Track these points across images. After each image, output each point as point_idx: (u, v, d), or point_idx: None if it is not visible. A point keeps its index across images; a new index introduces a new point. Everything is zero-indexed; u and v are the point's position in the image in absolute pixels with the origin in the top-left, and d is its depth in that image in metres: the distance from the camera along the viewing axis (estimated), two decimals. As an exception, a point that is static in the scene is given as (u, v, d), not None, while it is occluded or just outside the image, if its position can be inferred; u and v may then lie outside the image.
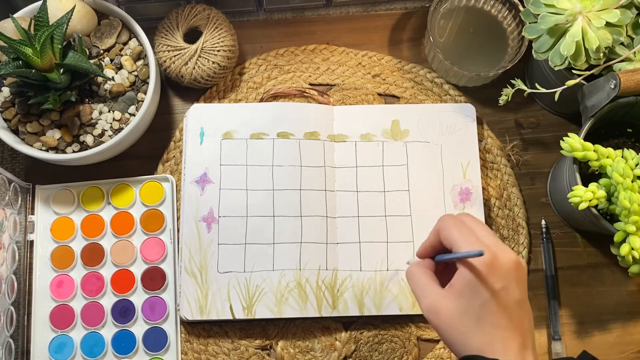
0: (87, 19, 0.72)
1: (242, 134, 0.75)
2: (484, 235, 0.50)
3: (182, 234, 0.73)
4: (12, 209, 0.73)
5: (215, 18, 0.76)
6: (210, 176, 0.74)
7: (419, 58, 0.82)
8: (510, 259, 0.49)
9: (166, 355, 0.71)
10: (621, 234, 0.61)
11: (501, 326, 0.47)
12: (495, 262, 0.47)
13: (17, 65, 0.64)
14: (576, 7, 0.63)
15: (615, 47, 0.65)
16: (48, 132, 0.71)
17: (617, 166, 0.61)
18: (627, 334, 0.73)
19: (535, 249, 0.76)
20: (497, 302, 0.47)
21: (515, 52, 0.76)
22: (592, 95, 0.65)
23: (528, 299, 0.51)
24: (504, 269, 0.48)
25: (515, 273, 0.49)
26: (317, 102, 0.79)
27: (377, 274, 0.72)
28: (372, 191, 0.75)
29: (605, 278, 0.75)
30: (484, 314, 0.47)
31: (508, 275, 0.48)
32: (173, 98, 0.80)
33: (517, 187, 0.77)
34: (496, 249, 0.48)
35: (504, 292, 0.48)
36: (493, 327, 0.47)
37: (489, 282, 0.47)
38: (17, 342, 0.71)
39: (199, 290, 0.71)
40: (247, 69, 0.81)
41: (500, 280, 0.47)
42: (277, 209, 0.73)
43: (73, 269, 0.74)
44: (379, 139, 0.76)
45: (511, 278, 0.48)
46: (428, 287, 0.50)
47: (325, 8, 0.84)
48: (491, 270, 0.47)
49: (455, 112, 0.77)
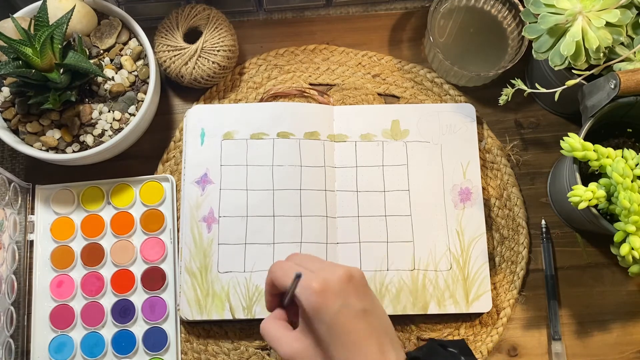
0: (87, 19, 0.72)
1: (242, 134, 0.76)
2: (310, 264, 0.51)
3: (182, 234, 0.73)
4: (12, 209, 0.73)
5: (215, 18, 0.76)
6: (210, 176, 0.74)
7: (419, 58, 0.82)
8: (339, 276, 0.49)
9: (166, 355, 0.71)
10: (621, 234, 0.61)
11: (352, 342, 0.48)
12: (326, 287, 0.48)
13: (17, 65, 0.64)
14: (576, 7, 0.63)
15: (615, 47, 0.65)
16: (48, 132, 0.71)
17: (617, 166, 0.61)
18: (627, 334, 0.73)
19: (535, 249, 0.76)
20: (342, 322, 0.48)
21: (515, 52, 0.76)
22: (592, 95, 0.65)
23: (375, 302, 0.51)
24: (337, 288, 0.49)
25: (350, 287, 0.49)
26: (317, 102, 0.79)
27: (377, 273, 0.72)
28: (372, 191, 0.75)
29: (605, 278, 0.75)
30: (332, 338, 0.48)
31: (343, 292, 0.49)
32: (173, 98, 0.80)
33: (517, 187, 0.77)
34: (324, 273, 0.49)
35: (344, 309, 0.48)
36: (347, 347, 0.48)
37: (326, 307, 0.48)
38: (17, 342, 0.71)
39: (199, 290, 0.71)
40: (247, 69, 0.81)
41: (336, 300, 0.48)
42: (277, 209, 0.73)
43: (73, 269, 0.74)
44: (379, 139, 0.76)
45: (348, 293, 0.49)
46: (280, 337, 0.51)
47: (325, 8, 0.84)
48: (324, 294, 0.48)
49: (455, 112, 0.77)
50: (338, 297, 0.48)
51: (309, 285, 0.48)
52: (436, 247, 0.73)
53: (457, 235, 0.73)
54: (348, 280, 0.49)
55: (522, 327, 0.73)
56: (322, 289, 0.48)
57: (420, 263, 0.72)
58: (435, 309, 0.71)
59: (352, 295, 0.49)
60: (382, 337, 0.49)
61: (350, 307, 0.48)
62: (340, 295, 0.48)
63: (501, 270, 0.74)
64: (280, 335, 0.51)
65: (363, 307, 0.49)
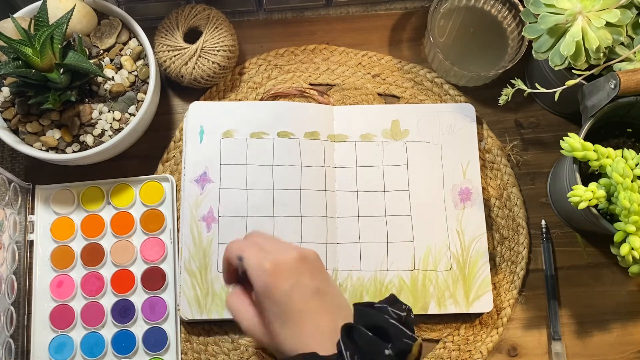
0: (87, 18, 0.72)
1: (242, 133, 0.76)
2: (265, 244, 0.52)
3: (182, 233, 0.73)
4: (12, 209, 0.73)
5: (215, 18, 0.76)
6: (210, 175, 0.74)
7: (419, 58, 0.82)
8: (293, 257, 0.50)
9: (166, 355, 0.71)
10: (621, 234, 0.61)
11: (304, 321, 0.49)
12: (277, 267, 0.49)
13: (17, 65, 0.64)
14: (576, 7, 0.63)
15: (615, 47, 0.65)
16: (48, 132, 0.71)
17: (617, 166, 0.61)
18: (627, 334, 0.73)
19: (535, 249, 0.76)
20: (293, 300, 0.49)
21: (515, 52, 0.76)
22: (592, 95, 0.65)
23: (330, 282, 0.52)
24: (289, 267, 0.50)
25: (303, 267, 0.50)
26: (317, 102, 0.79)
27: (377, 273, 0.72)
28: (372, 191, 0.75)
29: (605, 278, 0.75)
30: (286, 316, 0.49)
31: (295, 272, 0.50)
32: (173, 98, 0.80)
33: (517, 187, 0.77)
34: (277, 254, 0.50)
35: (296, 288, 0.49)
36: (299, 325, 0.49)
37: (278, 286, 0.49)
38: (17, 342, 0.71)
39: (198, 290, 0.71)
40: (247, 69, 0.81)
41: (287, 280, 0.49)
42: (277, 208, 0.73)
43: (73, 269, 0.74)
44: (379, 139, 0.76)
45: (300, 272, 0.50)
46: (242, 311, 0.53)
47: (325, 8, 0.84)
48: (275, 274, 0.49)
49: (455, 112, 0.77)
50: (290, 276, 0.49)
51: (260, 265, 0.49)
52: (436, 247, 0.73)
53: (457, 235, 0.73)
54: (301, 261, 0.50)
55: (522, 327, 0.73)
56: (274, 269, 0.49)
57: (420, 263, 0.72)
58: (435, 309, 0.71)
59: (305, 275, 0.50)
60: (335, 315, 0.50)
61: (303, 286, 0.49)
62: (292, 275, 0.49)
63: (501, 270, 0.74)
64: (242, 310, 0.53)
65: (316, 286, 0.50)
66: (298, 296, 0.49)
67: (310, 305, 0.49)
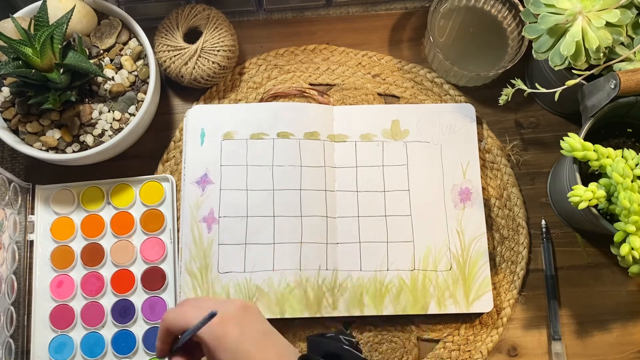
0: (87, 19, 0.72)
1: (242, 134, 0.76)
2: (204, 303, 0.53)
3: (183, 234, 0.73)
4: (12, 209, 0.72)
5: (215, 18, 0.76)
6: (210, 177, 0.74)
7: (419, 58, 0.82)
8: (236, 306, 0.52)
9: (166, 355, 0.71)
10: (621, 234, 0.61)
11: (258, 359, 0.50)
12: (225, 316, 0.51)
13: (17, 65, 0.64)
14: (576, 7, 0.63)
15: (615, 47, 0.65)
16: (48, 132, 0.71)
17: (617, 166, 0.61)
18: (627, 334, 0.73)
19: (535, 249, 0.76)
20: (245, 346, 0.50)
21: (515, 52, 0.76)
22: (592, 95, 0.65)
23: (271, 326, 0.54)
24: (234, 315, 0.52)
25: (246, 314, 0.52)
26: (317, 102, 0.79)
27: (377, 273, 0.72)
28: (372, 191, 0.75)
29: (605, 278, 0.75)
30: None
31: (241, 319, 0.52)
32: (173, 98, 0.80)
33: (517, 187, 0.77)
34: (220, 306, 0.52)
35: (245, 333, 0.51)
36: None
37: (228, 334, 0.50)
38: (17, 342, 0.71)
39: (199, 291, 0.71)
40: (247, 69, 0.81)
41: (235, 327, 0.51)
42: (277, 209, 0.73)
43: (73, 269, 0.74)
44: (379, 139, 0.76)
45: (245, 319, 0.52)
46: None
47: (325, 8, 0.84)
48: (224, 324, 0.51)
49: (455, 112, 0.77)
50: (237, 324, 0.51)
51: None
52: (436, 247, 0.73)
53: (457, 235, 0.73)
54: (244, 309, 0.52)
55: (522, 327, 0.73)
56: (221, 319, 0.50)
57: (420, 263, 0.72)
58: (435, 309, 0.71)
59: (250, 321, 0.52)
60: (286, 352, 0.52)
61: (251, 331, 0.51)
62: (239, 322, 0.51)
63: (501, 270, 0.74)
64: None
65: (262, 329, 0.52)
66: (248, 340, 0.50)
67: (261, 347, 0.51)
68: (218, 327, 0.50)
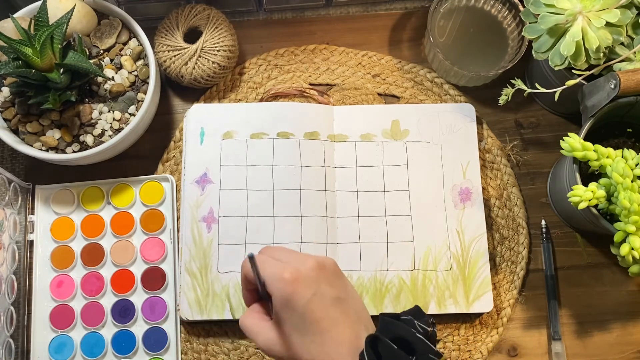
0: (87, 18, 0.72)
1: (242, 134, 0.76)
2: (281, 256, 0.52)
3: (182, 234, 0.73)
4: (12, 209, 0.72)
5: (215, 18, 0.76)
6: (210, 176, 0.74)
7: (419, 58, 0.82)
8: (311, 266, 0.50)
9: (166, 355, 0.71)
10: (621, 234, 0.61)
11: (326, 330, 0.48)
12: (297, 275, 0.49)
13: (17, 65, 0.64)
14: (576, 7, 0.63)
15: (615, 47, 0.65)
16: (48, 132, 0.71)
17: (617, 166, 0.61)
18: (627, 334, 0.73)
19: (535, 249, 0.76)
20: (314, 309, 0.48)
21: (515, 52, 0.76)
22: (592, 95, 0.65)
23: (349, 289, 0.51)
24: (309, 277, 0.49)
25: (322, 275, 0.50)
26: (317, 102, 0.79)
27: (377, 273, 0.72)
28: (372, 191, 0.75)
29: (605, 278, 0.75)
30: (306, 325, 0.48)
31: (315, 281, 0.49)
32: (173, 98, 0.80)
33: (517, 187, 0.77)
34: (296, 263, 0.50)
35: (317, 297, 0.48)
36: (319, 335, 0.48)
37: (298, 296, 0.48)
38: (17, 342, 0.71)
39: (199, 290, 0.71)
40: (247, 69, 0.81)
41: (308, 289, 0.48)
42: (277, 209, 0.73)
43: (73, 269, 0.74)
44: (379, 139, 0.76)
45: (320, 281, 0.49)
46: (257, 327, 0.52)
47: (325, 8, 0.84)
48: (295, 283, 0.48)
49: (455, 112, 0.77)
50: (310, 285, 0.48)
51: (280, 275, 0.48)
52: (436, 247, 0.73)
53: (457, 235, 0.73)
54: (320, 269, 0.50)
55: (522, 327, 0.73)
56: (294, 278, 0.48)
57: (420, 263, 0.72)
58: (435, 309, 0.71)
59: (324, 284, 0.49)
60: (356, 324, 0.49)
61: (323, 295, 0.49)
62: (312, 284, 0.49)
63: (501, 270, 0.74)
64: (257, 327, 0.52)
65: (336, 295, 0.49)
66: (318, 305, 0.48)
67: (331, 314, 0.48)
68: (289, 285, 0.48)
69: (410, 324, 0.48)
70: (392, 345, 0.46)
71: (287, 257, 0.51)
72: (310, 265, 0.50)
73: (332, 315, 0.48)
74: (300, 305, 0.48)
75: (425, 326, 0.48)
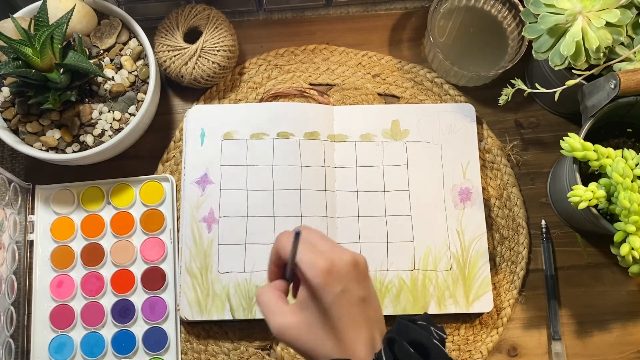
0: (87, 19, 0.72)
1: (242, 135, 0.76)
2: (320, 243, 0.51)
3: (183, 234, 0.73)
4: (12, 209, 0.72)
5: (215, 18, 0.76)
6: (210, 177, 0.74)
7: (419, 58, 0.82)
8: (346, 261, 0.49)
9: (166, 355, 0.71)
10: (621, 234, 0.61)
11: (347, 327, 0.48)
12: (332, 268, 0.48)
13: (17, 65, 0.64)
14: (576, 7, 0.63)
15: (615, 47, 0.65)
16: (48, 132, 0.71)
17: (617, 166, 0.61)
18: (627, 334, 0.73)
19: (535, 249, 0.76)
20: (340, 305, 0.48)
21: (515, 52, 0.76)
22: (592, 95, 0.65)
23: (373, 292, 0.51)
24: (342, 271, 0.49)
25: (353, 272, 0.49)
26: (317, 102, 0.79)
27: (377, 273, 0.72)
28: (372, 191, 0.75)
29: (605, 278, 0.75)
30: (328, 319, 0.48)
31: (346, 277, 0.49)
32: (173, 98, 0.80)
33: (517, 187, 0.77)
34: (332, 255, 0.49)
35: (345, 294, 0.48)
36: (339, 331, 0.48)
37: (328, 288, 0.48)
38: (17, 342, 0.71)
39: (199, 291, 0.71)
40: (247, 69, 0.81)
41: (339, 284, 0.48)
42: (277, 209, 0.73)
43: (73, 269, 0.74)
44: (379, 139, 0.76)
45: (350, 278, 0.49)
46: (275, 306, 0.51)
47: (325, 8, 0.84)
48: (329, 276, 0.48)
49: (455, 112, 0.77)
50: (341, 280, 0.48)
51: (316, 263, 0.48)
52: (436, 247, 0.73)
53: (457, 235, 0.73)
54: (353, 266, 0.49)
55: (522, 327, 0.73)
56: (328, 269, 0.48)
57: (420, 263, 0.72)
58: (435, 309, 0.71)
59: (354, 282, 0.49)
60: (374, 326, 0.50)
61: (350, 293, 0.49)
62: (343, 280, 0.48)
63: (501, 270, 0.74)
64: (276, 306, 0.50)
65: (362, 295, 0.49)
66: (344, 302, 0.48)
67: (354, 313, 0.48)
68: (322, 276, 0.47)
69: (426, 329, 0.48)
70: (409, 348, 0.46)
71: (323, 245, 0.50)
72: (346, 260, 0.49)
73: (355, 314, 0.48)
74: (329, 298, 0.48)
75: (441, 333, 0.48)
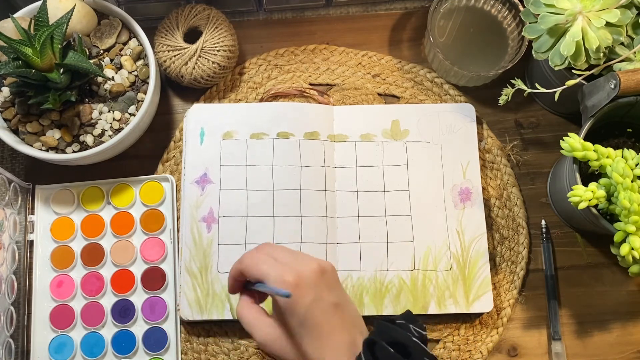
0: (87, 18, 0.72)
1: (242, 134, 0.76)
2: (282, 256, 0.52)
3: (182, 234, 0.73)
4: (12, 209, 0.73)
5: (215, 18, 0.76)
6: (210, 176, 0.74)
7: (419, 58, 0.82)
8: (312, 270, 0.50)
9: (166, 355, 0.71)
10: (621, 234, 0.61)
11: (325, 335, 0.49)
12: (299, 280, 0.49)
13: (17, 65, 0.64)
14: (576, 7, 0.63)
15: (615, 47, 0.65)
16: (48, 132, 0.71)
17: (617, 166, 0.61)
18: (627, 334, 0.73)
19: (535, 249, 0.76)
20: (314, 315, 0.49)
21: (515, 52, 0.76)
22: (592, 95, 0.65)
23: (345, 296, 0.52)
24: (310, 281, 0.50)
25: (322, 280, 0.50)
26: (317, 102, 0.79)
27: (377, 273, 0.72)
28: (372, 191, 0.75)
29: (605, 278, 0.75)
30: (306, 330, 0.49)
31: (316, 285, 0.50)
32: (173, 98, 0.80)
33: (517, 187, 0.77)
34: (297, 266, 0.50)
35: (317, 302, 0.49)
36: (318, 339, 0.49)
37: (300, 300, 0.49)
38: (17, 342, 0.71)
39: (199, 290, 0.71)
40: (247, 69, 0.81)
41: (309, 294, 0.49)
42: (277, 209, 0.73)
43: (73, 269, 0.74)
44: (379, 139, 0.76)
45: (320, 286, 0.50)
46: (255, 321, 0.53)
47: (325, 8, 0.84)
48: (297, 288, 0.49)
49: (455, 112, 0.77)
50: (311, 290, 0.49)
51: (282, 278, 0.49)
52: (436, 247, 0.73)
53: (457, 235, 0.73)
54: (321, 274, 0.50)
55: (522, 327, 0.73)
56: (296, 282, 0.49)
57: (420, 263, 0.72)
58: (435, 309, 0.71)
59: (324, 289, 0.50)
60: (353, 329, 0.50)
61: (323, 301, 0.49)
62: (313, 289, 0.49)
63: (501, 270, 0.74)
64: (256, 321, 0.53)
65: (335, 301, 0.50)
66: (318, 311, 0.49)
67: (330, 320, 0.49)
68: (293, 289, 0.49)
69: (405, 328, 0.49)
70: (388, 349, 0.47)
71: (287, 258, 0.52)
72: (312, 269, 0.50)
73: (330, 320, 0.49)
74: (302, 310, 0.49)
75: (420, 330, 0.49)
